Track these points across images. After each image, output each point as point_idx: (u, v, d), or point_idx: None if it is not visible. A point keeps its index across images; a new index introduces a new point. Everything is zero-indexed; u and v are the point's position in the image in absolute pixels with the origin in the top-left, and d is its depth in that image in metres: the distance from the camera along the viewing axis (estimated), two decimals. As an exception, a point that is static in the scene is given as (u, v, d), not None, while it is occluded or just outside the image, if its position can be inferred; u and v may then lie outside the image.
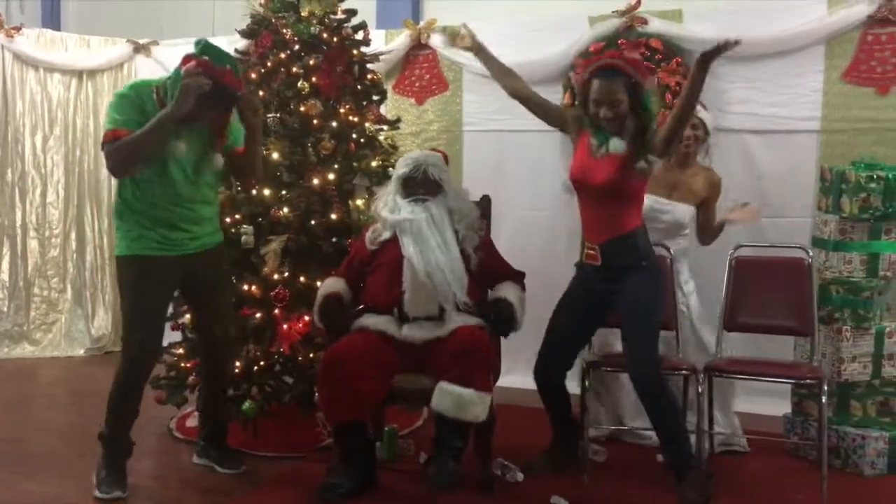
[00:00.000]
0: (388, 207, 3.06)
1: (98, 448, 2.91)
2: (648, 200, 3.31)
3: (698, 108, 3.34)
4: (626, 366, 2.95)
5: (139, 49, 5.48)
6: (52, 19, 6.51)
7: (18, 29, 5.32)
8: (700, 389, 3.08)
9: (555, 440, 3.23)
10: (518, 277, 3.16)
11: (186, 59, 2.73)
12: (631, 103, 2.84)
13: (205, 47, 2.74)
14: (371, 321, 2.98)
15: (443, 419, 2.74)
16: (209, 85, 2.64)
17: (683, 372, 3.17)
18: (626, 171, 2.84)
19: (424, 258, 2.90)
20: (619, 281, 2.92)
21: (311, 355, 3.33)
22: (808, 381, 3.16)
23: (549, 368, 3.12)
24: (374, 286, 3.07)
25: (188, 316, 3.44)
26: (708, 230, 3.46)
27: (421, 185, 3.04)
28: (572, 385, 3.68)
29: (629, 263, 2.91)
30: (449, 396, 2.70)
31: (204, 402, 3.24)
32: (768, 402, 3.70)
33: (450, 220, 3.01)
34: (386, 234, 3.05)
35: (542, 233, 4.45)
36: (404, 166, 3.08)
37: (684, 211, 3.42)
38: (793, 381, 3.28)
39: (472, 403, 2.69)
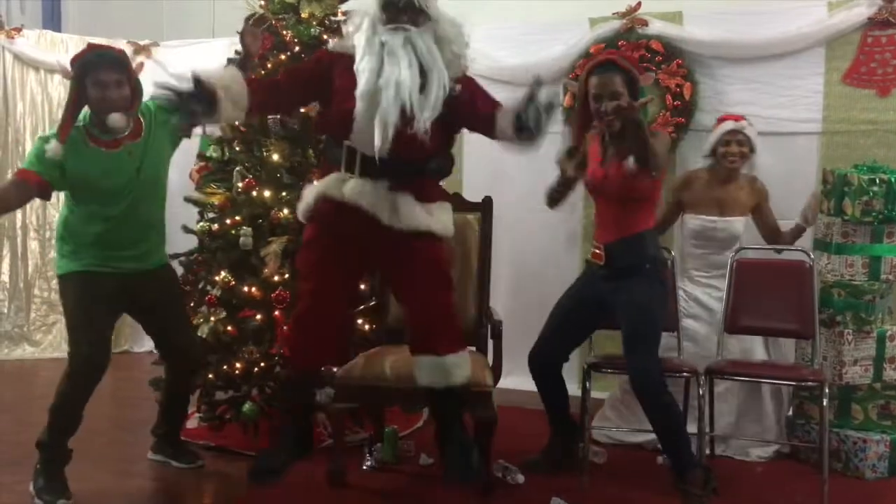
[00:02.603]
0: (364, 31, 2.59)
1: (36, 455, 2.90)
2: (699, 220, 3.45)
3: (744, 124, 3.45)
4: (627, 369, 2.94)
5: (140, 50, 5.48)
6: (52, 20, 6.49)
7: (19, 30, 5.32)
8: (701, 391, 3.08)
9: (552, 439, 3.23)
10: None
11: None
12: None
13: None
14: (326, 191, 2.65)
15: (434, 391, 2.68)
16: None
17: (685, 374, 3.17)
18: (632, 178, 2.83)
19: (383, 74, 2.48)
20: (621, 282, 2.92)
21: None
22: (809, 383, 3.16)
23: (543, 355, 3.13)
24: (329, 117, 2.72)
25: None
26: (775, 233, 3.50)
27: (404, 11, 2.56)
28: (573, 387, 3.70)
29: (632, 264, 2.92)
30: (429, 369, 2.64)
31: (165, 406, 3.25)
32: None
33: (439, 50, 2.57)
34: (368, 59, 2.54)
35: (542, 234, 4.44)
36: None
37: (738, 225, 3.48)
38: (794, 383, 3.27)
39: (454, 366, 2.64)
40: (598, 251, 3.00)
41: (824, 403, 2.97)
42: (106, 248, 2.86)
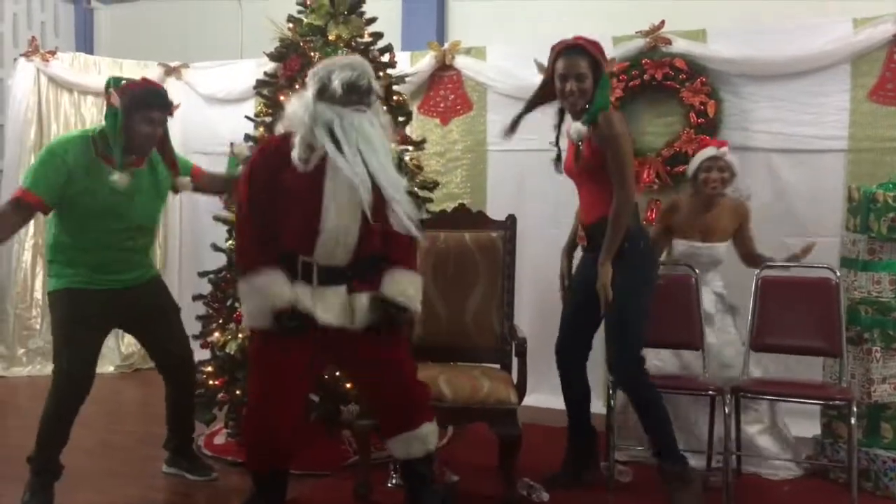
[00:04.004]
0: (321, 117, 2.48)
1: (26, 471, 2.90)
2: (684, 245, 3.51)
3: (725, 150, 3.49)
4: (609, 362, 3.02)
5: (170, 72, 5.59)
6: (84, 43, 6.67)
7: (53, 53, 5.45)
8: (727, 410, 3.06)
9: (568, 452, 3.23)
10: (406, 253, 2.66)
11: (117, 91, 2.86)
12: (594, 86, 2.88)
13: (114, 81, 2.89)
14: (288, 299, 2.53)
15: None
16: None
17: (710, 393, 3.16)
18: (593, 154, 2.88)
19: (369, 162, 2.45)
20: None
21: (337, 374, 3.36)
22: (837, 402, 3.13)
23: (565, 346, 3.18)
24: (289, 228, 2.56)
25: (217, 334, 3.49)
26: (751, 256, 3.52)
27: (365, 95, 2.54)
28: (598, 405, 3.69)
29: None
30: (406, 443, 2.69)
31: (171, 417, 3.28)
32: (797, 423, 3.65)
33: (384, 131, 2.57)
34: (323, 150, 2.45)
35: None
36: (349, 70, 2.52)
37: (721, 250, 3.53)
38: (822, 402, 3.25)
39: (430, 434, 2.71)
40: (581, 234, 3.06)
41: (853, 422, 2.95)
42: (98, 271, 2.90)
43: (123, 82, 2.88)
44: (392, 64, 3.82)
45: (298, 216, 2.51)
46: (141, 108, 2.82)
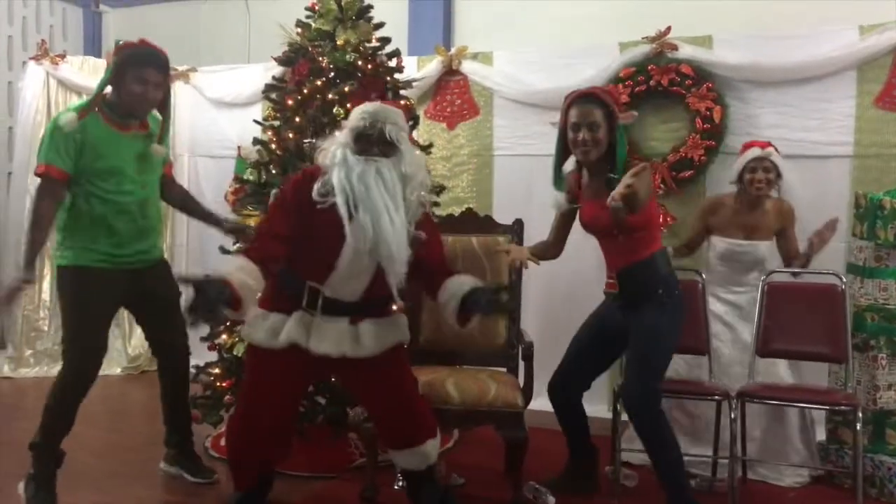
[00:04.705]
0: (337, 162, 2.56)
1: (28, 458, 2.91)
2: (725, 243, 3.47)
3: (770, 151, 3.45)
4: (623, 391, 2.91)
5: (178, 75, 5.61)
6: (93, 47, 6.71)
7: (63, 56, 5.48)
8: (733, 415, 3.07)
9: (570, 461, 3.22)
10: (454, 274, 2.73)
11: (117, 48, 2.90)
12: (608, 136, 2.83)
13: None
14: (281, 331, 2.60)
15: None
16: None
17: (716, 397, 3.16)
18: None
19: (374, 224, 2.47)
20: (634, 310, 2.89)
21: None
22: (842, 407, 3.14)
23: (562, 384, 3.13)
24: (306, 254, 2.62)
25: (224, 336, 3.51)
26: (794, 257, 3.47)
27: (376, 144, 2.57)
28: (601, 409, 3.70)
29: (644, 291, 2.87)
30: (409, 457, 2.75)
31: (168, 412, 3.28)
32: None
33: (402, 187, 2.56)
34: (334, 196, 2.51)
35: (572, 256, 4.44)
36: (359, 119, 2.59)
37: (764, 249, 3.48)
38: (827, 407, 3.25)
39: (432, 449, 2.76)
40: (611, 280, 2.98)
41: (858, 428, 2.95)
42: (110, 243, 2.88)
43: (121, 42, 2.91)
44: (400, 69, 3.84)
45: (317, 248, 2.58)
46: (133, 66, 2.82)
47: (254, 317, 2.65)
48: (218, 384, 3.55)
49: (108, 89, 2.91)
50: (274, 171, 3.63)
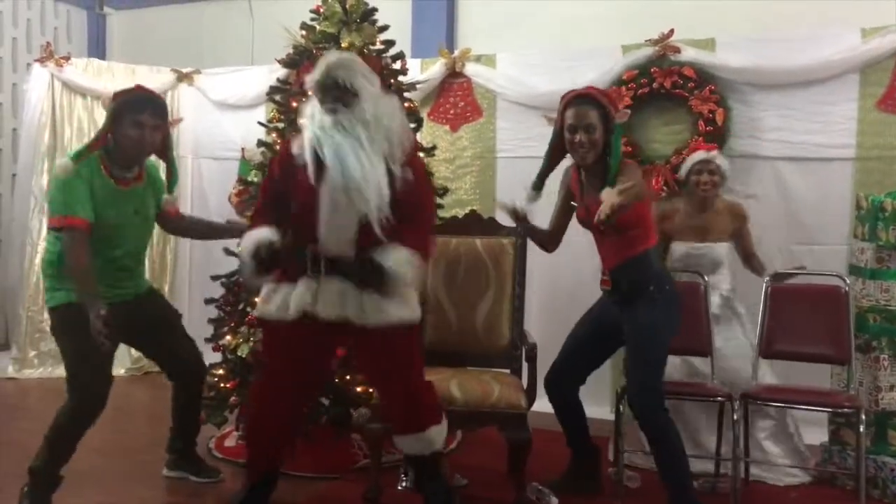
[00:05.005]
0: (307, 118, 2.67)
1: (26, 480, 2.89)
2: (683, 247, 3.55)
3: (715, 154, 3.58)
4: (626, 390, 2.93)
5: (182, 77, 5.64)
6: (97, 49, 6.74)
7: (67, 58, 5.50)
8: (735, 417, 3.08)
9: (572, 462, 3.23)
10: (417, 237, 2.66)
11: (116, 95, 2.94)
12: (604, 136, 2.83)
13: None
14: (288, 304, 2.65)
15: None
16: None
17: (719, 399, 3.17)
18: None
19: (342, 166, 2.52)
20: (629, 307, 2.91)
21: (348, 377, 3.38)
22: (845, 409, 3.15)
23: (558, 379, 3.15)
24: (297, 216, 2.69)
25: (229, 337, 3.52)
26: (750, 258, 3.56)
27: (332, 93, 2.60)
28: (604, 411, 3.70)
29: (637, 288, 2.89)
30: (413, 443, 2.76)
31: (177, 419, 3.29)
32: (805, 430, 3.66)
33: (364, 130, 2.57)
34: (306, 152, 2.60)
35: (575, 257, 4.45)
36: (316, 72, 2.65)
37: (720, 249, 3.54)
38: (830, 409, 3.26)
39: (437, 435, 2.76)
40: (605, 278, 2.99)
41: (861, 429, 2.96)
42: (102, 283, 2.81)
43: (118, 90, 2.94)
44: (404, 71, 3.85)
45: (302, 204, 2.64)
46: (129, 111, 2.82)
47: (265, 291, 2.74)
48: (222, 385, 3.55)
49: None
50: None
